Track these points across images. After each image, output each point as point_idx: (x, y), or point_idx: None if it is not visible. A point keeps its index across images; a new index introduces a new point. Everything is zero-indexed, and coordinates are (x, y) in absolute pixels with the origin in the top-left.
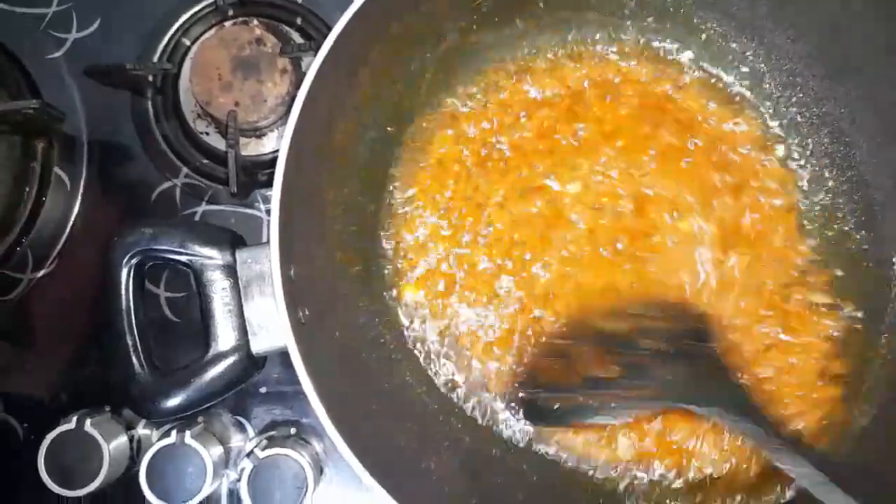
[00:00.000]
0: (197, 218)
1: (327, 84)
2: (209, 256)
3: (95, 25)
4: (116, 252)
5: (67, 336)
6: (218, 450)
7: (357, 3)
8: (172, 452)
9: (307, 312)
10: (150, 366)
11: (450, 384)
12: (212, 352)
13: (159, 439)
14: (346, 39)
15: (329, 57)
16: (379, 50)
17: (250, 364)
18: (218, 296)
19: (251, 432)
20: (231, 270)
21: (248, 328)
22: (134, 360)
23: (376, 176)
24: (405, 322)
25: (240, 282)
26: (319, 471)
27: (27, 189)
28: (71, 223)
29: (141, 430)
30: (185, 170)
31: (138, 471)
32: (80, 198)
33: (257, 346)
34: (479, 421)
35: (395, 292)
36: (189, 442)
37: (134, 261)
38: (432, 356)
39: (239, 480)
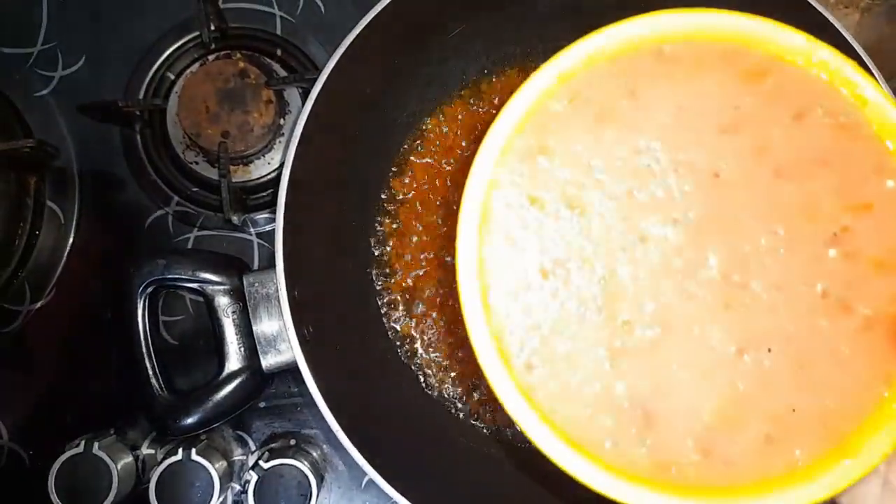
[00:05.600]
0: (190, 244)
1: (325, 113)
2: (219, 282)
3: (81, 63)
4: (133, 283)
5: (67, 363)
6: (222, 464)
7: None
8: (180, 469)
9: (311, 329)
10: (169, 387)
11: (450, 393)
12: (225, 371)
13: (165, 457)
14: (339, 74)
15: (325, 86)
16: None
17: (261, 381)
18: (228, 319)
19: (252, 445)
20: (239, 294)
21: (258, 347)
22: (154, 382)
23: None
24: (403, 335)
25: (248, 304)
26: (320, 478)
27: (21, 224)
28: (66, 254)
29: (145, 450)
30: (175, 198)
31: (146, 488)
32: (73, 229)
33: (267, 363)
34: (485, 431)
35: (388, 307)
36: (195, 458)
37: (149, 290)
38: (431, 370)
39: (244, 492)
